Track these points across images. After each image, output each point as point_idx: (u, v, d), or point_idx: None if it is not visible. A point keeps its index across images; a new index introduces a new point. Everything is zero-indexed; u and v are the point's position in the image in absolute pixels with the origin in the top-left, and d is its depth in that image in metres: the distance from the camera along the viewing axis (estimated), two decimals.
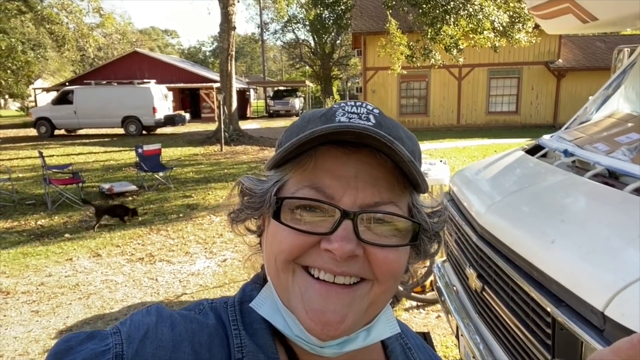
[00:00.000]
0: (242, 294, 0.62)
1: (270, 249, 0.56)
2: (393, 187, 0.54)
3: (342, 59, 38.16)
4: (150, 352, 0.49)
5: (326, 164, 0.53)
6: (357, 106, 0.56)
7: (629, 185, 1.90)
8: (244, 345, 0.54)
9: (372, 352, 0.63)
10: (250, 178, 0.60)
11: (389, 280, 0.54)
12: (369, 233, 0.52)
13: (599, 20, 2.58)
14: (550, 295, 1.65)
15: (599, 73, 18.03)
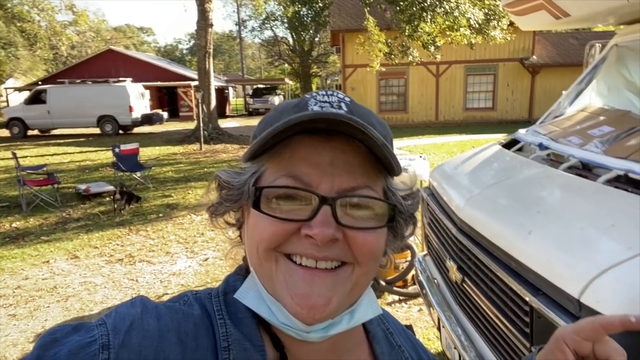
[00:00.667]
0: (225, 285, 0.62)
1: (252, 239, 0.57)
2: (368, 172, 0.55)
3: (321, 56, 38.15)
4: (136, 342, 0.49)
5: (302, 153, 0.54)
6: (328, 95, 0.57)
7: (602, 177, 1.96)
8: (229, 333, 0.55)
9: (355, 337, 0.64)
10: (227, 171, 0.61)
11: (369, 262, 0.56)
12: (347, 217, 0.53)
13: (571, 16, 2.65)
14: (528, 284, 1.70)
15: (572, 69, 18.44)
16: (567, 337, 0.56)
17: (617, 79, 2.71)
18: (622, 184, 1.88)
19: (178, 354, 0.50)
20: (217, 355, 0.53)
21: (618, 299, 1.36)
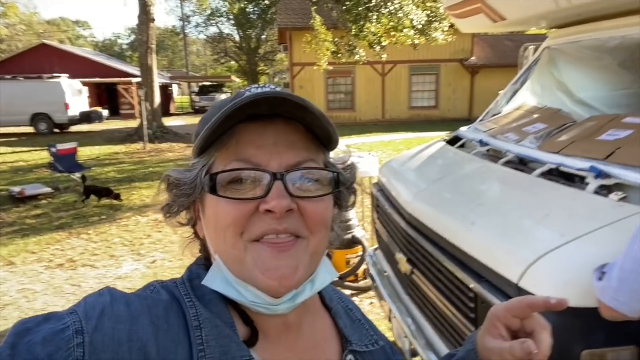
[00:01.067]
0: (189, 273, 0.66)
1: (216, 228, 0.60)
2: (309, 146, 0.61)
3: (268, 54, 37.89)
4: (109, 326, 0.51)
5: (247, 138, 0.59)
6: (262, 87, 0.62)
7: (536, 170, 2.11)
8: (199, 313, 0.58)
9: (317, 312, 0.70)
10: (176, 170, 0.65)
11: (321, 230, 0.62)
12: (297, 189, 0.59)
13: (507, 19, 2.81)
14: (472, 272, 1.80)
15: (508, 69, 19.36)
16: (499, 314, 0.63)
17: (549, 80, 2.91)
18: (555, 176, 2.03)
19: (151, 335, 0.52)
20: (189, 334, 0.56)
21: (553, 282, 1.48)
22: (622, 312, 1.23)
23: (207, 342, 0.56)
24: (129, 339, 0.51)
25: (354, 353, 0.67)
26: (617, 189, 1.75)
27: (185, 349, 0.54)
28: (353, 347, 0.68)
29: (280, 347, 0.63)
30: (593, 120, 2.34)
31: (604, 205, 1.69)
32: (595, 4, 2.21)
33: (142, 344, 0.51)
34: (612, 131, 2.10)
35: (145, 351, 0.51)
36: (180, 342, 0.55)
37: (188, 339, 0.55)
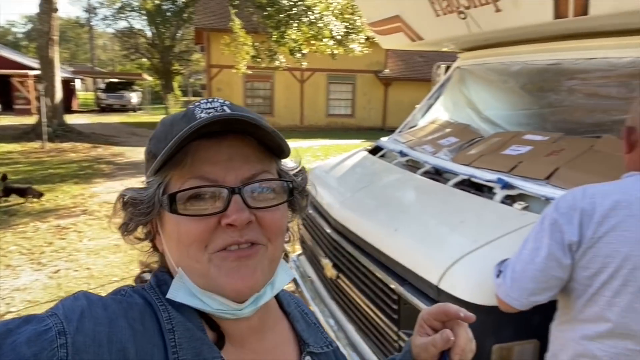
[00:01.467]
0: (156, 279, 0.67)
1: (179, 244, 0.62)
2: (262, 159, 0.64)
3: (183, 53, 36.60)
4: (89, 327, 0.52)
5: (202, 156, 0.61)
6: (210, 102, 0.65)
7: (451, 181, 2.30)
8: (172, 317, 0.60)
9: (276, 316, 0.74)
10: (132, 189, 0.66)
11: (279, 238, 0.66)
12: (255, 201, 0.62)
13: (424, 40, 3.03)
14: (395, 276, 1.92)
15: (418, 83, 20.65)
16: (424, 317, 0.75)
17: (460, 97, 3.18)
18: (467, 186, 2.23)
19: (130, 337, 0.54)
20: (164, 337, 0.58)
21: (468, 283, 1.63)
22: (514, 306, 1.41)
23: (180, 344, 0.58)
24: (109, 340, 0.52)
25: (311, 354, 0.72)
26: (520, 199, 1.98)
27: (160, 350, 0.57)
28: (310, 349, 0.72)
29: (244, 350, 0.66)
30: (498, 136, 2.60)
31: (509, 214, 1.90)
32: (501, 32, 2.46)
33: (121, 345, 0.53)
34: (515, 147, 2.35)
35: (124, 352, 0.53)
36: (156, 344, 0.57)
37: (163, 342, 0.58)
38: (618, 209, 1.23)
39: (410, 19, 2.92)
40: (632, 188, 1.26)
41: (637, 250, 1.19)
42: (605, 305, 1.26)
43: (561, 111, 2.46)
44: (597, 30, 2.11)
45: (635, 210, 1.22)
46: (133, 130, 18.36)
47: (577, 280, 1.32)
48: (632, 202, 1.23)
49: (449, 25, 2.62)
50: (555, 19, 1.99)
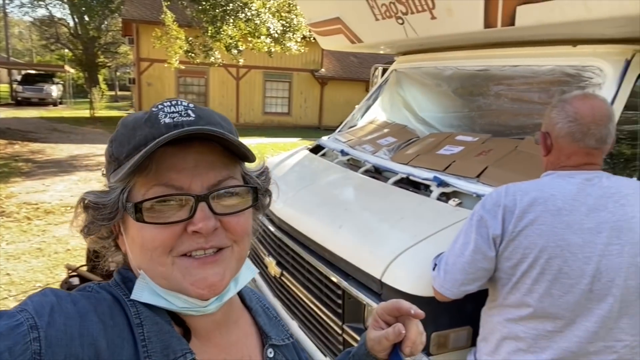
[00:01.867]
0: (120, 276, 0.67)
1: (142, 249, 0.62)
2: (227, 165, 0.66)
3: (109, 45, 34.69)
4: (61, 322, 0.53)
5: (167, 162, 0.61)
6: (174, 105, 0.66)
7: (391, 179, 2.40)
8: (140, 312, 0.61)
9: (239, 311, 0.76)
10: (93, 193, 0.65)
11: (245, 239, 0.67)
12: (221, 207, 0.63)
13: (364, 42, 3.13)
14: (340, 271, 1.98)
15: (352, 83, 21.10)
16: (378, 312, 0.80)
17: (397, 99, 3.31)
18: (405, 184, 2.34)
19: (100, 331, 0.55)
20: (133, 331, 0.59)
21: (409, 276, 1.72)
22: (447, 295, 1.55)
23: (149, 338, 0.59)
24: (80, 334, 0.53)
25: (273, 347, 0.75)
26: (454, 196, 2.11)
27: (130, 344, 0.58)
28: (272, 342, 0.75)
29: (209, 344, 0.68)
30: (433, 137, 2.75)
31: (444, 210, 2.02)
32: (436, 38, 2.60)
33: (92, 339, 0.54)
34: (448, 147, 2.50)
35: (95, 346, 0.54)
36: (126, 338, 0.58)
37: (132, 336, 0.59)
38: (535, 205, 1.37)
39: (350, 22, 3.00)
40: (548, 186, 1.41)
41: (552, 241, 1.34)
42: (526, 291, 1.39)
43: (489, 114, 2.65)
44: (522, 39, 2.30)
45: (550, 206, 1.36)
46: (54, 125, 17.17)
47: (501, 270, 1.45)
48: (547, 198, 1.37)
49: (388, 29, 2.72)
50: (485, 28, 2.15)
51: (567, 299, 1.34)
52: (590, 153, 1.42)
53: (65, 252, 4.92)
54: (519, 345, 1.43)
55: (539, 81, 2.28)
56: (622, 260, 1.32)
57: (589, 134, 1.40)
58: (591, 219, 1.34)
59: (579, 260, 1.32)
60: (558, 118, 1.46)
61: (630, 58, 1.95)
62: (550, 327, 1.38)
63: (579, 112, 1.43)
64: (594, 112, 1.41)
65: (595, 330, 1.33)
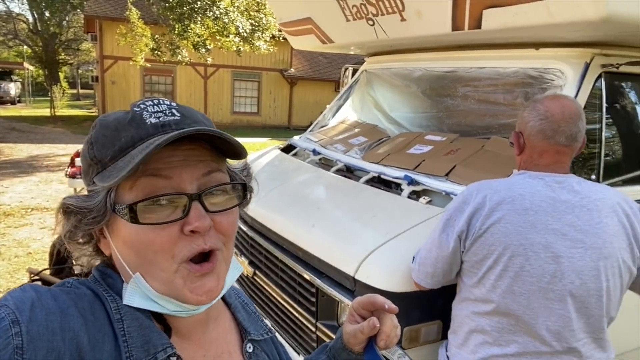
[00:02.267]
0: (99, 272, 0.66)
1: (140, 253, 0.61)
2: (216, 158, 0.66)
3: (71, 42, 33.55)
4: (42, 317, 0.52)
5: (155, 162, 0.60)
6: (156, 104, 0.64)
7: (362, 178, 2.43)
8: (120, 307, 0.61)
9: (219, 307, 0.76)
10: (74, 197, 0.64)
11: (233, 238, 0.68)
12: (212, 205, 0.63)
13: (334, 43, 3.15)
14: (313, 269, 2.00)
15: (322, 83, 21.15)
16: (354, 306, 0.82)
17: (367, 99, 3.35)
18: (377, 183, 2.37)
19: (82, 326, 0.55)
20: (113, 326, 0.59)
21: (382, 272, 1.75)
22: (422, 285, 1.64)
23: (130, 333, 0.59)
24: (62, 329, 0.53)
25: (253, 342, 0.76)
26: (424, 194, 2.16)
27: (111, 339, 0.58)
28: (252, 337, 0.76)
29: (189, 340, 0.68)
30: (403, 136, 2.80)
31: (415, 208, 2.07)
32: (405, 40, 2.66)
33: (74, 334, 0.54)
34: (418, 146, 2.55)
35: (77, 341, 0.54)
36: (107, 332, 0.58)
37: (113, 330, 0.59)
38: (503, 204, 1.42)
39: (321, 22, 3.02)
40: (517, 185, 1.46)
41: (516, 240, 1.39)
42: (490, 287, 1.45)
43: (457, 114, 2.72)
44: (488, 42, 2.37)
45: (517, 205, 1.41)
46: (12, 124, 16.51)
47: (469, 265, 1.51)
48: (515, 198, 1.42)
49: (359, 30, 2.75)
50: (452, 30, 2.20)
51: (527, 297, 1.39)
52: (561, 151, 1.47)
53: (27, 256, 4.75)
54: (486, 339, 1.48)
55: (503, 83, 2.36)
56: (584, 264, 1.37)
57: (559, 131, 1.45)
58: (557, 220, 1.39)
59: (541, 259, 1.37)
60: (530, 117, 1.52)
61: (590, 61, 2.05)
62: (514, 322, 1.43)
63: (549, 110, 1.48)
64: (564, 110, 1.47)
65: (557, 329, 1.39)
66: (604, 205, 1.43)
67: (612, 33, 1.90)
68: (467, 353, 1.53)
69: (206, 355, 0.69)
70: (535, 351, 1.42)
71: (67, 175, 4.04)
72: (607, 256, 1.39)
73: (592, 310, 1.41)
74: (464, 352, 1.54)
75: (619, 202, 1.46)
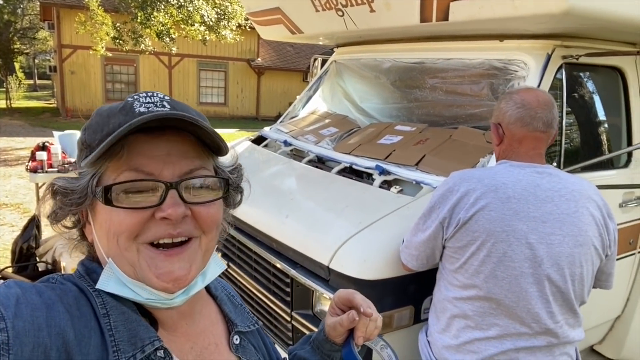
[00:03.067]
0: (84, 267, 0.67)
1: (109, 234, 0.62)
2: (200, 155, 0.67)
3: (26, 30, 32.03)
4: (27, 313, 0.52)
5: (138, 149, 0.62)
6: (150, 96, 0.66)
7: (334, 169, 2.45)
8: (105, 302, 0.62)
9: (205, 300, 0.77)
10: (63, 179, 0.65)
11: (213, 230, 0.68)
12: (191, 196, 0.64)
13: (304, 33, 3.14)
14: (287, 260, 2.01)
15: (289, 73, 21.02)
16: (335, 299, 0.85)
17: (337, 89, 3.37)
18: (349, 173, 2.40)
19: (67, 321, 0.55)
20: (99, 321, 0.59)
21: (355, 261, 1.78)
22: (409, 266, 1.71)
23: (116, 327, 0.60)
24: (48, 324, 0.53)
25: (239, 333, 0.77)
26: (395, 184, 2.20)
27: (97, 334, 0.58)
28: (238, 329, 0.77)
29: (176, 333, 0.69)
30: (373, 127, 2.83)
31: (387, 197, 2.10)
32: (374, 31, 2.67)
33: (60, 329, 0.54)
34: (388, 136, 2.59)
35: (63, 336, 0.54)
36: (93, 328, 0.58)
37: (99, 325, 0.59)
38: (488, 192, 1.48)
39: (290, 12, 3.00)
40: (500, 174, 1.53)
41: (499, 227, 1.45)
42: (474, 272, 1.51)
43: (425, 105, 2.77)
44: (455, 33, 2.42)
45: (501, 194, 1.47)
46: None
47: (452, 251, 1.57)
48: (499, 186, 1.49)
49: (328, 21, 2.75)
50: (420, 22, 2.24)
51: (509, 281, 1.46)
52: (539, 137, 1.55)
53: None
54: (468, 323, 1.54)
55: (470, 74, 2.42)
56: (562, 250, 1.45)
57: (536, 117, 1.53)
58: (537, 208, 1.46)
59: (522, 245, 1.44)
60: (507, 107, 1.59)
61: (551, 52, 2.12)
62: (495, 306, 1.50)
63: (525, 99, 1.56)
64: (539, 98, 1.56)
65: (536, 312, 1.47)
66: (581, 195, 1.51)
67: (572, 25, 1.97)
68: (449, 338, 1.59)
69: (193, 348, 0.70)
70: (516, 333, 1.49)
71: (27, 170, 3.89)
72: (582, 244, 1.48)
73: (568, 294, 1.49)
74: (446, 337, 1.60)
75: (592, 193, 1.55)
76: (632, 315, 2.61)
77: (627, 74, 2.42)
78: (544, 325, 1.48)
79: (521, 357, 1.50)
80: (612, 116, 2.50)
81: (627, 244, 2.47)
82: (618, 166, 2.47)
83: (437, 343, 1.63)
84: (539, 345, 1.50)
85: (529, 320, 1.48)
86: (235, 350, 0.74)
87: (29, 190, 6.74)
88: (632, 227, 2.46)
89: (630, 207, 2.42)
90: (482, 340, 1.51)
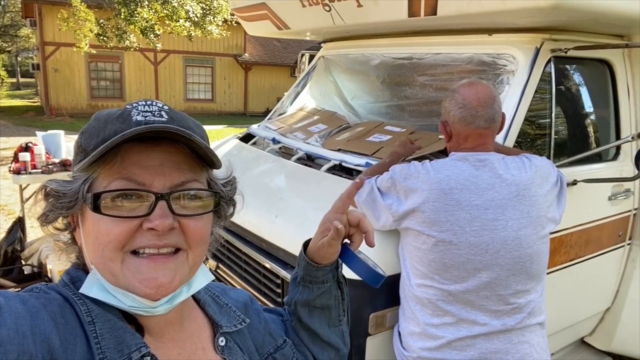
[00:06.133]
0: (69, 276, 0.67)
1: (96, 242, 0.62)
2: (193, 167, 0.66)
3: (7, 28, 31.42)
4: (11, 321, 0.52)
5: (132, 158, 0.62)
6: (148, 105, 0.65)
7: (323, 166, 2.42)
8: (90, 310, 0.61)
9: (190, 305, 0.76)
10: (56, 181, 0.65)
11: (201, 245, 0.68)
12: (180, 208, 0.64)
13: (290, 29, 3.10)
14: (278, 260, 1.98)
15: (277, 68, 20.92)
16: (329, 217, 0.86)
17: (326, 85, 3.33)
18: (339, 171, 2.37)
19: (52, 329, 0.55)
20: (84, 329, 0.59)
21: None
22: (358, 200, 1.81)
23: (102, 334, 0.59)
24: (32, 332, 0.53)
25: (225, 334, 0.76)
26: None
27: (83, 341, 0.58)
28: (223, 330, 0.76)
29: (162, 339, 0.68)
30: (362, 125, 2.80)
31: None
32: (362, 26, 2.64)
33: (45, 336, 0.53)
34: (377, 135, 2.57)
35: (48, 344, 0.53)
36: (78, 335, 0.58)
37: (84, 333, 0.59)
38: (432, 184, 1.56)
39: (276, 8, 2.95)
40: (445, 167, 1.61)
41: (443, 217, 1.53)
42: (426, 262, 1.58)
43: (414, 102, 2.74)
44: (444, 28, 2.40)
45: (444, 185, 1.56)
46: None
47: (405, 242, 1.66)
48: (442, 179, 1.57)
49: (315, 16, 2.71)
50: (409, 17, 2.21)
51: (457, 268, 1.53)
52: (483, 134, 1.62)
53: None
54: (426, 310, 1.61)
55: (459, 70, 2.40)
56: (506, 234, 1.52)
57: (477, 116, 1.60)
58: (479, 197, 1.53)
59: (466, 233, 1.51)
60: (450, 107, 1.66)
61: (540, 46, 2.11)
62: (447, 293, 1.56)
63: (466, 98, 1.62)
64: (479, 96, 1.61)
65: (487, 296, 1.54)
66: (521, 179, 1.57)
67: (560, 19, 1.96)
68: (412, 325, 1.65)
69: (181, 354, 0.69)
70: (471, 319, 1.55)
71: (10, 171, 3.79)
72: (526, 225, 1.55)
73: (519, 276, 1.55)
74: (410, 325, 1.66)
75: (533, 175, 1.60)
76: (622, 307, 2.63)
77: (615, 67, 2.42)
78: (497, 310, 1.55)
79: (478, 343, 1.55)
80: (600, 109, 2.50)
81: (617, 236, 2.48)
82: (607, 159, 2.47)
83: (404, 331, 1.69)
84: (495, 331, 1.55)
85: (481, 306, 1.54)
86: (220, 352, 0.73)
87: (13, 192, 6.61)
88: (622, 220, 2.47)
89: (619, 199, 2.42)
90: (440, 326, 1.58)
